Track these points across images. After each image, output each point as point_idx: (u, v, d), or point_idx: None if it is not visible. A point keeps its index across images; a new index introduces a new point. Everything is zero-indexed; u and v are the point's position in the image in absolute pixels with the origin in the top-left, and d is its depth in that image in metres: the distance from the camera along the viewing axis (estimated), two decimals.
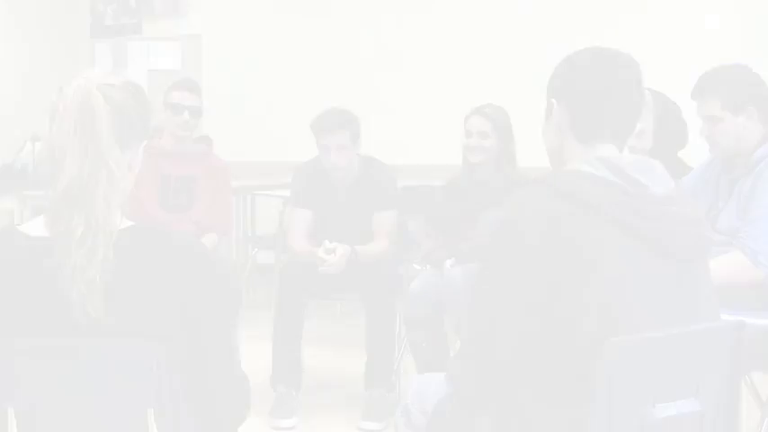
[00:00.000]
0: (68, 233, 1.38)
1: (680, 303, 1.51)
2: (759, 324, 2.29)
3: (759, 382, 2.78)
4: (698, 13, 5.01)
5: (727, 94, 2.55)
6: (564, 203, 1.47)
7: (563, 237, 1.44)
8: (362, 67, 6.16)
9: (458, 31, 5.79)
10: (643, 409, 1.47)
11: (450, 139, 4.39)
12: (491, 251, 1.54)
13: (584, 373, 1.41)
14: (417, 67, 5.93)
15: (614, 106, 1.59)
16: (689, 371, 1.52)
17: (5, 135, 6.27)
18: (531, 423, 1.50)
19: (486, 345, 1.54)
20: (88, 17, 7.38)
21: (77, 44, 7.39)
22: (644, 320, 1.45)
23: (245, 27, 6.66)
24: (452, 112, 3.95)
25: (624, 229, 1.46)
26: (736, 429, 1.62)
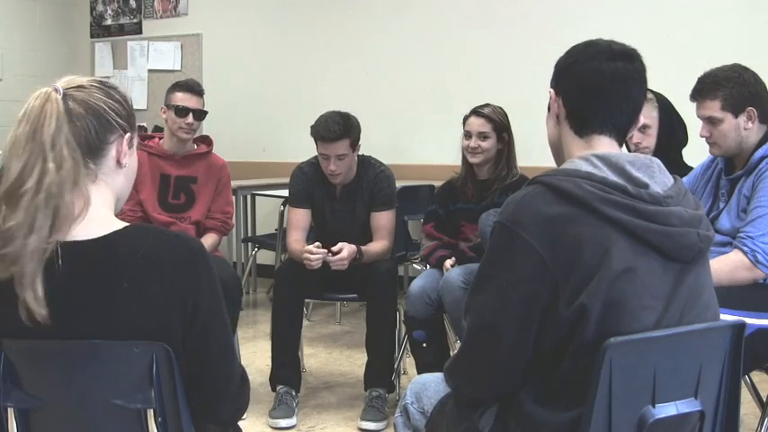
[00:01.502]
0: (6, 239, 1.35)
1: (680, 303, 1.50)
2: (759, 324, 2.29)
3: (759, 382, 2.79)
4: (698, 13, 5.00)
5: (727, 95, 2.55)
6: (564, 204, 1.46)
7: (563, 237, 1.44)
8: (362, 66, 6.16)
9: (457, 30, 5.79)
10: (643, 409, 1.47)
11: (449, 139, 4.40)
12: (491, 251, 1.54)
13: (584, 373, 1.41)
14: (417, 68, 5.93)
15: (610, 99, 1.57)
16: (689, 371, 1.51)
17: (6, 135, 6.27)
18: (530, 423, 1.49)
19: (485, 344, 1.54)
20: (88, 17, 7.39)
21: (77, 44, 7.40)
22: (645, 320, 1.45)
23: (245, 27, 6.67)
24: (452, 112, 3.95)
25: (625, 230, 1.46)
26: (736, 429, 1.62)
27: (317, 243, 3.37)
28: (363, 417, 3.33)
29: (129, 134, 1.51)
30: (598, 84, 1.56)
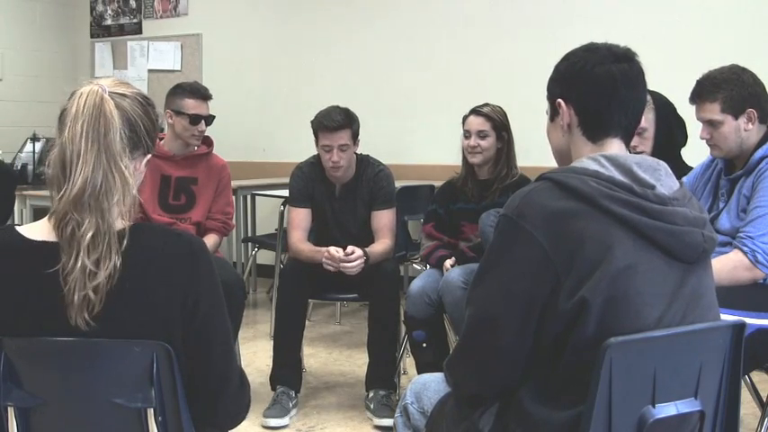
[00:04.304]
0: (78, 238, 1.38)
1: (683, 303, 1.51)
2: (759, 324, 2.29)
3: (759, 382, 2.79)
4: (698, 13, 5.00)
5: (726, 98, 2.54)
6: (570, 199, 1.47)
7: (567, 231, 1.44)
8: (362, 66, 6.16)
9: (457, 30, 5.79)
10: (643, 408, 1.47)
11: (449, 139, 4.40)
12: (495, 243, 1.54)
13: (584, 372, 1.41)
14: (417, 68, 5.93)
15: (620, 101, 1.57)
16: (689, 371, 1.52)
17: (6, 135, 6.27)
18: (530, 422, 1.49)
19: (485, 336, 1.54)
20: (88, 17, 7.39)
21: (77, 44, 7.40)
22: (647, 317, 1.46)
23: (245, 27, 6.66)
24: (452, 112, 3.95)
25: (630, 229, 1.46)
26: (736, 429, 1.62)
27: (334, 248, 3.36)
28: (378, 414, 3.30)
29: (149, 155, 1.54)
30: (612, 87, 1.57)
